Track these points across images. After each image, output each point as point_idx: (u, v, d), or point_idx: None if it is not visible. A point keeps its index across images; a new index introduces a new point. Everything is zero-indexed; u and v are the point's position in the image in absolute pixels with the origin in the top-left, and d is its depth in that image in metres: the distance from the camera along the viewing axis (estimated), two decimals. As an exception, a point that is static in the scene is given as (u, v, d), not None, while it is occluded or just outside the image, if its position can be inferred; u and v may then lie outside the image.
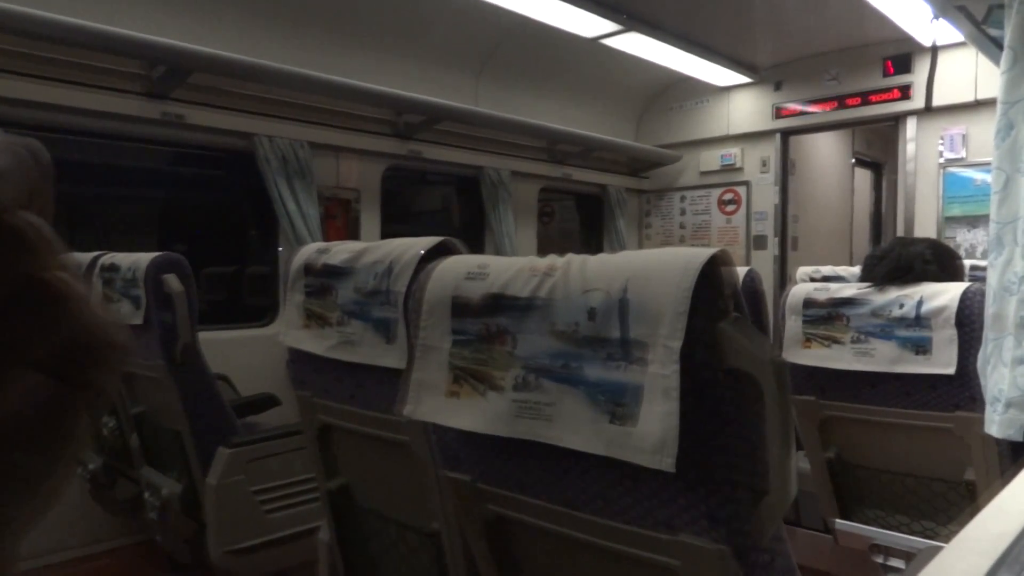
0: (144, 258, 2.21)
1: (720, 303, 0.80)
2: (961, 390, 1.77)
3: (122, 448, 2.59)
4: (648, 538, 0.87)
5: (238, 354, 3.26)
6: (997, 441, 1.65)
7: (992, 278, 1.38)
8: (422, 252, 1.26)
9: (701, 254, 0.80)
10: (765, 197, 5.20)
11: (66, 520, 2.77)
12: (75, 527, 2.81)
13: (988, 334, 1.39)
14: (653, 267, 0.83)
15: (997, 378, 1.36)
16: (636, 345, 0.82)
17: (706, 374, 0.79)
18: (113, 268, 2.33)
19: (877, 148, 6.98)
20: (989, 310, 1.39)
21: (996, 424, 1.33)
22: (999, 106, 1.39)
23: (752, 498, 0.81)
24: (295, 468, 2.23)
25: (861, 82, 4.65)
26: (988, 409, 1.37)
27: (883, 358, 1.85)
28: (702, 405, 0.80)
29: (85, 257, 2.49)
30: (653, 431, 0.80)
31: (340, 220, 3.82)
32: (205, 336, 2.33)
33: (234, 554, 2.13)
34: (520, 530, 1.06)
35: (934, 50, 2.41)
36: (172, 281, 2.16)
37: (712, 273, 0.79)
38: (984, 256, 3.34)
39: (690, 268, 0.79)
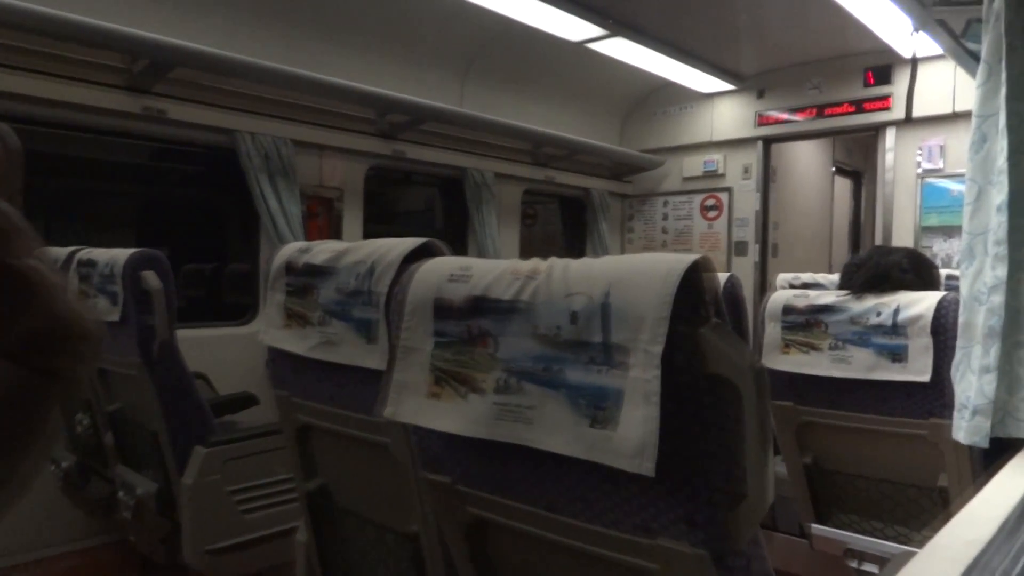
0: (122, 254, 2.18)
1: (701, 309, 0.80)
2: (936, 398, 1.80)
3: (96, 446, 2.55)
4: (627, 542, 0.87)
5: (217, 352, 3.23)
6: (969, 448, 1.68)
7: (963, 288, 1.41)
8: (405, 253, 1.26)
9: (683, 260, 0.81)
10: (746, 203, 5.25)
11: (38, 519, 2.73)
12: (47, 526, 2.77)
13: (959, 342, 1.42)
14: (635, 272, 0.84)
15: (965, 386, 1.38)
16: (617, 350, 0.82)
17: (686, 379, 0.80)
18: (90, 263, 2.30)
19: (857, 157, 7.07)
20: (960, 319, 1.41)
21: (963, 431, 1.36)
22: (973, 119, 1.41)
23: (730, 502, 0.81)
24: (273, 468, 2.21)
25: (842, 92, 4.71)
26: (956, 416, 1.39)
27: (860, 365, 1.87)
28: (682, 410, 0.80)
29: (62, 252, 2.45)
30: (633, 435, 0.80)
31: (322, 219, 3.80)
32: (183, 334, 2.30)
33: (209, 554, 2.10)
34: (499, 532, 1.06)
35: (914, 62, 2.44)
36: (150, 278, 2.13)
37: (694, 279, 0.80)
38: (959, 266, 3.38)
39: (672, 274, 0.80)
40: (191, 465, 2.12)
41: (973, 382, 1.35)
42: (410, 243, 1.27)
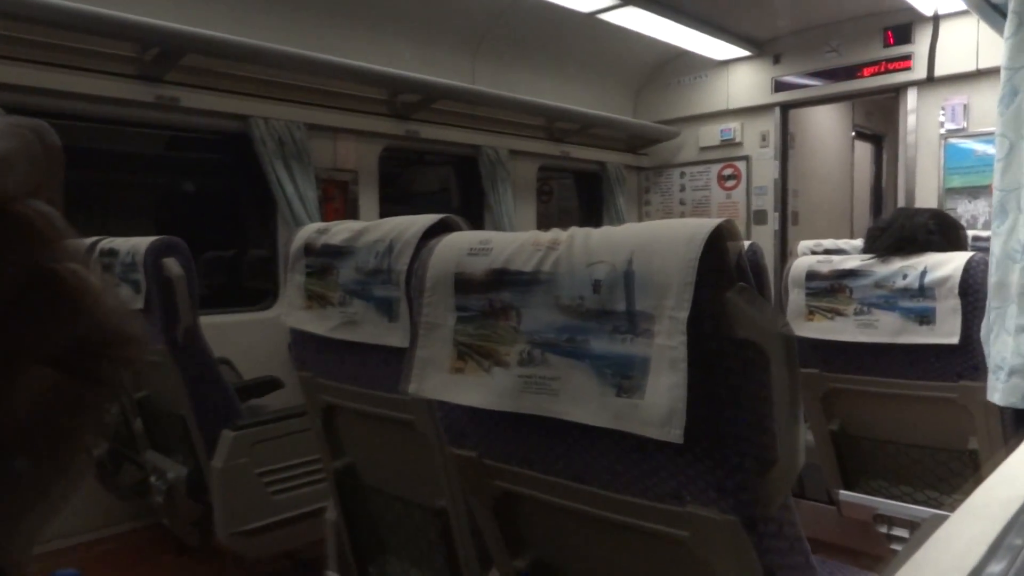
0: (143, 242, 2.20)
1: (726, 273, 0.79)
2: (965, 359, 1.77)
3: (126, 433, 2.60)
4: (657, 510, 0.87)
5: (240, 338, 3.26)
6: (1000, 410, 1.65)
7: (995, 246, 1.37)
8: (423, 230, 1.25)
9: (706, 225, 0.79)
10: (765, 172, 5.17)
11: (74, 506, 2.78)
12: (82, 512, 2.83)
13: (991, 303, 1.39)
14: (658, 239, 0.82)
15: (1000, 346, 1.35)
16: (642, 317, 0.81)
17: (713, 345, 0.79)
18: (112, 253, 2.32)
19: (877, 120, 6.94)
20: (992, 279, 1.38)
21: (999, 392, 1.33)
22: (1003, 72, 1.37)
23: (760, 468, 0.80)
24: (300, 449, 2.23)
25: (861, 53, 4.61)
26: (991, 377, 1.37)
27: (886, 329, 1.85)
28: (709, 376, 0.79)
29: (83, 243, 2.47)
30: (661, 403, 0.79)
31: (338, 202, 3.80)
32: (206, 320, 2.33)
33: (241, 535, 2.14)
34: (527, 505, 1.07)
35: (936, 19, 2.38)
36: (172, 265, 2.15)
37: (717, 244, 0.79)
38: (985, 227, 3.32)
39: (695, 239, 0.79)
40: (220, 449, 2.14)
41: (1009, 342, 1.32)
42: (428, 219, 1.27)
